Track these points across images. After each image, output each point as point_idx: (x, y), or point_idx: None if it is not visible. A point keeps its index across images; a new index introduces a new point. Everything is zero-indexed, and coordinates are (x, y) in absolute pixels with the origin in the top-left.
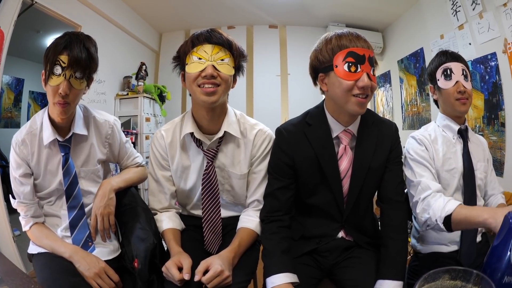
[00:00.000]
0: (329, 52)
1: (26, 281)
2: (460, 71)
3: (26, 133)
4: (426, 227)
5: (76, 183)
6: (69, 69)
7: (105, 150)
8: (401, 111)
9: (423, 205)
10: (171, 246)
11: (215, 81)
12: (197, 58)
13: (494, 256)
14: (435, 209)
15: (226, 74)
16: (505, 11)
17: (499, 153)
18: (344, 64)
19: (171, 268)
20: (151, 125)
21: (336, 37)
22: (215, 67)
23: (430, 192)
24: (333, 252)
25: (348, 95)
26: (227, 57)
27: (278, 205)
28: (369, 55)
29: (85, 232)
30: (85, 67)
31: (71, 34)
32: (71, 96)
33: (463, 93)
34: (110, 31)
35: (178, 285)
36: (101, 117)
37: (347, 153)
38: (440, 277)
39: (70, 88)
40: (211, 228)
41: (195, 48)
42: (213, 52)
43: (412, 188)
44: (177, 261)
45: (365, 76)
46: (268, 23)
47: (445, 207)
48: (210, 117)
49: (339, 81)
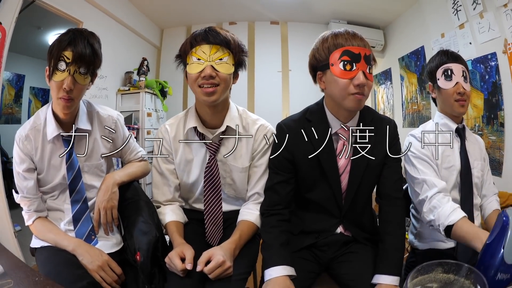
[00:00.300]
0: (325, 51)
1: (30, 274)
2: (461, 72)
3: (30, 128)
4: (430, 226)
5: (80, 178)
6: (73, 64)
7: (108, 145)
8: (401, 108)
9: (430, 205)
10: (174, 238)
11: (214, 81)
12: (196, 59)
13: (487, 253)
14: (440, 214)
15: (225, 73)
16: (506, 12)
17: (498, 153)
18: (339, 62)
19: (174, 259)
20: (153, 120)
21: (332, 36)
22: (213, 67)
23: (436, 190)
24: (331, 246)
25: (344, 93)
26: (226, 55)
27: (278, 199)
28: (365, 54)
29: (88, 225)
30: (89, 62)
31: (75, 30)
32: (75, 92)
33: (462, 94)
34: (112, 27)
35: (181, 275)
36: (105, 112)
37: (345, 149)
38: (433, 270)
39: (74, 84)
40: (212, 220)
41: (194, 49)
42: (211, 52)
43: (417, 186)
44: (180, 252)
45: (360, 75)
46: (269, 20)
47: (450, 216)
48: (213, 112)
49: (335, 80)
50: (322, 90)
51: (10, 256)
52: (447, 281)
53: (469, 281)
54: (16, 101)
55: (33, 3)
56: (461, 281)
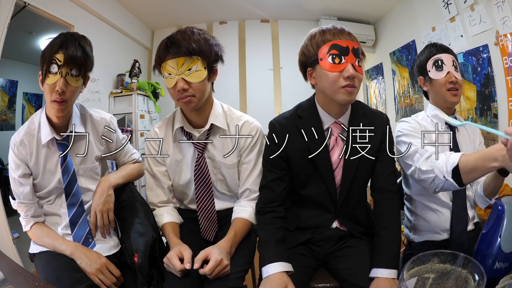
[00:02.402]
0: (314, 47)
1: (30, 279)
2: (451, 62)
3: (24, 134)
4: (434, 188)
5: (75, 181)
6: (65, 66)
7: (102, 147)
8: (394, 103)
9: (426, 166)
10: (171, 239)
11: (187, 94)
12: (167, 74)
13: (484, 243)
14: (439, 166)
15: (197, 82)
16: (497, 4)
17: (492, 144)
18: (328, 56)
19: (173, 259)
20: (146, 122)
21: (319, 32)
22: (184, 79)
23: (429, 154)
24: (327, 241)
25: (335, 87)
26: (194, 63)
27: (273, 196)
28: (353, 47)
29: (85, 228)
30: (80, 64)
31: (66, 34)
32: (68, 94)
33: (454, 83)
34: (103, 29)
35: (179, 275)
36: (98, 114)
37: (338, 144)
38: (429, 260)
39: (66, 86)
40: (206, 216)
41: (163, 64)
42: (179, 65)
43: (408, 158)
44: (178, 252)
45: (350, 67)
46: (260, 18)
47: (449, 160)
48: (196, 113)
49: (325, 74)
50: (313, 86)
51: (10, 262)
52: (444, 271)
53: (466, 270)
54: (10, 107)
55: (24, 8)
56: (458, 270)
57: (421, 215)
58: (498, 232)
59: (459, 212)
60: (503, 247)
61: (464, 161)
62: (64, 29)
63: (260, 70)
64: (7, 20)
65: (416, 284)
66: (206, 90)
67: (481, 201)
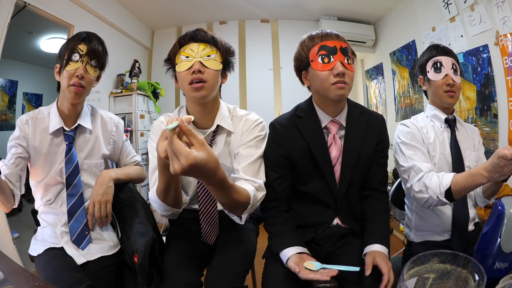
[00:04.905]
0: (305, 51)
1: (30, 279)
2: (450, 65)
3: (31, 116)
4: (428, 206)
5: (77, 173)
6: (86, 56)
7: (109, 147)
8: (394, 103)
9: (419, 187)
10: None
11: (202, 77)
12: (185, 57)
13: (484, 243)
14: (432, 187)
15: (213, 69)
16: (497, 4)
17: (492, 144)
18: (318, 57)
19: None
20: (146, 122)
21: (309, 37)
22: (202, 63)
23: (422, 174)
24: (328, 240)
25: (326, 84)
26: (214, 52)
27: (275, 195)
28: (340, 46)
29: (83, 220)
30: (100, 56)
31: (88, 31)
32: (86, 81)
33: (451, 86)
34: (103, 29)
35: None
36: (107, 115)
37: (336, 142)
38: (429, 260)
39: (85, 73)
40: (207, 220)
41: (182, 48)
42: (200, 49)
43: (404, 173)
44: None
45: (339, 65)
46: (260, 18)
47: (442, 182)
48: (203, 112)
49: (316, 74)
50: (309, 88)
51: (10, 262)
52: (444, 271)
53: (466, 270)
54: (10, 107)
55: (24, 8)
56: (458, 270)
57: (421, 214)
58: (498, 232)
59: (460, 208)
60: (503, 247)
61: (455, 183)
62: (64, 29)
63: (260, 70)
64: (7, 20)
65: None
66: (217, 84)
67: (480, 200)
